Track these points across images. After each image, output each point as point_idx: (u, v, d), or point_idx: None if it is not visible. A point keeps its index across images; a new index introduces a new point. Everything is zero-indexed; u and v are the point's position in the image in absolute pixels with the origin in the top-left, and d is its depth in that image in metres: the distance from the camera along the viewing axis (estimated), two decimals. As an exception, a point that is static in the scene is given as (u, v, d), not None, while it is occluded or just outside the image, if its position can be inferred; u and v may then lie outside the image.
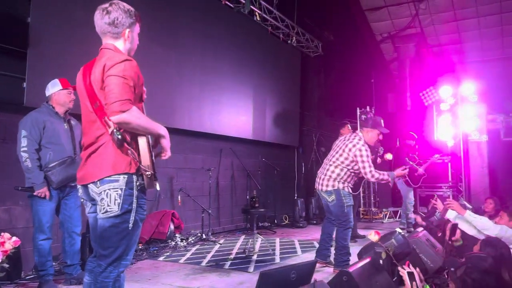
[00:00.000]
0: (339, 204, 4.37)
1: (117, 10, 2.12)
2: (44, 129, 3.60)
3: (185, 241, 5.81)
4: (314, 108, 10.58)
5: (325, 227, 4.72)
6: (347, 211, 4.37)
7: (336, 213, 4.43)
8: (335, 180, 4.40)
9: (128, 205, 2.06)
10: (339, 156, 4.43)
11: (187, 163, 6.59)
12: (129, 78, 1.98)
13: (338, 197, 4.37)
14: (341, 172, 4.40)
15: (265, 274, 2.46)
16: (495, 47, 11.96)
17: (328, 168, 4.47)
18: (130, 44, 2.22)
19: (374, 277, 2.91)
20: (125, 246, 2.09)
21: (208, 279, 4.14)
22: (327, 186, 4.42)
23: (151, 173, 2.05)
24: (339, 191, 4.38)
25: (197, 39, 6.64)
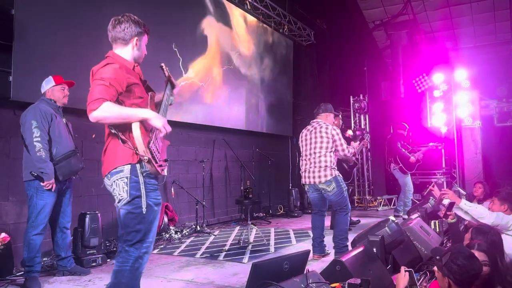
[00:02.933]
0: (339, 190, 4.43)
1: (128, 20, 2.39)
2: (51, 122, 3.65)
3: (179, 234, 5.79)
4: (307, 97, 10.53)
5: (315, 221, 4.72)
6: (345, 195, 4.49)
7: (337, 200, 4.47)
8: (331, 169, 4.45)
9: (136, 191, 2.25)
10: (321, 143, 4.52)
11: (179, 155, 6.54)
12: (106, 79, 2.16)
13: (338, 184, 4.43)
14: (330, 158, 4.49)
15: (257, 265, 2.43)
16: (487, 32, 11.93)
17: (318, 160, 4.49)
18: (138, 51, 2.45)
19: (367, 266, 2.89)
20: (144, 229, 2.28)
21: (202, 271, 4.12)
22: (325, 176, 4.43)
23: (148, 157, 2.17)
24: (337, 177, 4.45)
25: (188, 29, 6.55)
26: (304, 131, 4.76)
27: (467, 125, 9.56)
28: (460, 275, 2.17)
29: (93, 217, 4.38)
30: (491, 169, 10.71)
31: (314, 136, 4.58)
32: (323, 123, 4.63)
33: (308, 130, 4.71)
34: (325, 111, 4.75)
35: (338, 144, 4.52)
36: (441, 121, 9.43)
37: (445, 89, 9.49)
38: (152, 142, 2.24)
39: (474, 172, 9.28)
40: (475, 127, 9.57)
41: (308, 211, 8.68)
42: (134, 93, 2.32)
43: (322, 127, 4.57)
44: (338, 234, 4.44)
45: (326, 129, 4.54)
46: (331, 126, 4.59)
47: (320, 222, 4.68)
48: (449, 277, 2.23)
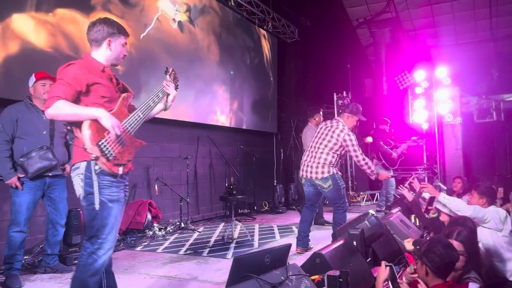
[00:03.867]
0: (336, 188, 4.45)
1: (101, 23, 2.44)
2: (17, 121, 3.63)
3: (163, 231, 5.78)
4: (291, 94, 10.59)
5: (305, 214, 4.75)
6: (342, 193, 4.51)
7: (334, 198, 4.51)
8: (329, 167, 4.45)
9: (89, 188, 2.28)
10: (328, 142, 4.49)
11: (163, 152, 6.52)
12: (64, 78, 2.23)
13: (335, 182, 4.44)
14: (332, 158, 4.47)
15: (238, 259, 2.45)
16: (468, 30, 12.17)
17: (319, 156, 4.50)
18: (112, 52, 2.47)
19: (347, 259, 2.94)
20: (97, 225, 2.30)
21: (186, 267, 4.13)
22: (322, 173, 4.45)
23: (96, 155, 2.21)
24: (334, 175, 4.46)
25: (171, 24, 6.52)
26: (322, 124, 4.74)
27: (448, 121, 9.75)
28: (438, 263, 2.24)
29: (75, 215, 4.33)
30: (471, 164, 10.96)
31: (326, 132, 4.55)
32: (342, 125, 4.54)
33: (326, 124, 4.67)
34: (348, 112, 4.64)
35: (352, 150, 4.44)
36: (422, 117, 9.59)
37: (427, 86, 9.65)
38: (105, 140, 2.24)
39: (454, 168, 9.48)
40: (456, 124, 9.76)
41: (293, 207, 8.77)
42: (96, 93, 2.34)
43: (338, 128, 4.51)
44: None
45: (340, 132, 4.47)
46: (347, 131, 4.49)
47: (309, 216, 4.72)
48: (427, 265, 2.30)
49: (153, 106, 2.62)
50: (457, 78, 10.19)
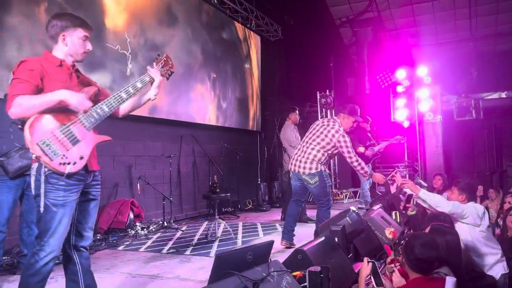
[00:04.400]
0: (322, 185, 4.50)
1: (54, 18, 2.37)
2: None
3: (145, 230, 5.73)
4: (275, 93, 10.61)
5: (291, 208, 4.80)
6: (328, 191, 4.56)
7: (318, 194, 4.56)
8: (318, 163, 4.50)
9: (37, 189, 2.25)
10: (321, 140, 4.54)
11: (146, 150, 6.46)
12: (20, 76, 2.20)
13: (321, 179, 4.49)
14: (322, 156, 4.52)
15: (220, 256, 2.46)
16: (448, 30, 12.40)
17: (309, 152, 4.54)
18: (69, 47, 2.38)
19: (328, 255, 2.97)
20: (41, 228, 2.27)
21: (169, 266, 4.11)
22: (310, 169, 4.50)
23: (36, 156, 2.18)
24: (322, 172, 4.51)
25: (155, 21, 6.46)
26: (319, 120, 4.81)
27: (429, 119, 9.90)
28: (415, 261, 2.27)
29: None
30: (451, 162, 11.17)
31: (322, 130, 4.59)
32: (338, 125, 4.58)
33: (322, 121, 4.73)
34: (345, 113, 4.67)
35: (345, 151, 4.48)
36: (403, 115, 9.73)
37: (408, 85, 9.79)
38: (48, 139, 2.18)
39: (435, 165, 9.63)
40: (436, 122, 9.92)
41: (277, 205, 8.80)
42: (53, 87, 2.26)
43: (334, 128, 4.54)
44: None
45: (335, 133, 4.50)
46: (341, 132, 4.51)
47: (294, 210, 4.77)
48: (407, 264, 2.33)
49: (125, 98, 2.49)
50: (438, 77, 10.36)
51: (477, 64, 11.98)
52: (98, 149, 5.84)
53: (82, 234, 2.48)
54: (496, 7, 11.26)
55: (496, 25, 11.98)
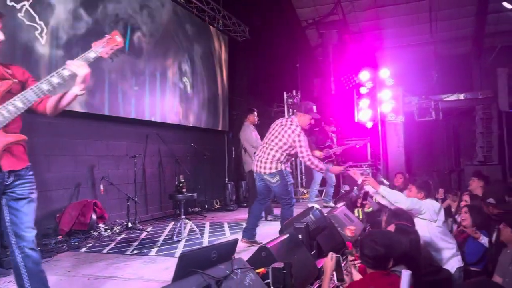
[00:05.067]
0: (283, 183, 4.56)
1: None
2: None
3: (109, 231, 5.61)
4: (243, 93, 10.63)
5: (254, 207, 4.85)
6: (290, 189, 4.62)
7: (280, 193, 4.62)
8: (277, 163, 4.57)
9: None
10: (278, 141, 4.61)
11: (109, 150, 6.32)
12: None
13: (282, 178, 4.56)
14: (281, 156, 4.58)
15: (184, 255, 2.45)
16: (410, 33, 12.80)
17: (269, 152, 4.61)
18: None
19: (292, 252, 3.02)
20: None
21: (132, 267, 4.04)
22: (270, 168, 4.56)
23: None
24: (282, 171, 4.57)
25: (118, 19, 6.34)
26: (278, 121, 4.82)
27: (391, 120, 10.21)
28: (369, 258, 2.35)
29: (13, 216, 4.12)
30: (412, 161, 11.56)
31: (279, 131, 4.65)
32: (295, 125, 4.64)
33: (280, 121, 4.78)
34: (301, 111, 4.76)
35: (299, 151, 4.55)
36: (367, 116, 9.98)
37: (371, 86, 10.05)
38: None
39: (397, 164, 9.95)
40: (398, 122, 10.25)
41: (244, 204, 8.82)
42: None
43: (291, 128, 4.60)
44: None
45: (292, 132, 4.57)
46: (298, 131, 4.58)
47: (257, 209, 4.82)
48: (362, 261, 2.40)
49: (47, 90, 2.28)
50: (400, 79, 10.70)
51: (437, 67, 12.43)
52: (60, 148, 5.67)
53: (20, 235, 2.39)
54: (455, 12, 11.74)
55: (455, 29, 12.48)
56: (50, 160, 5.39)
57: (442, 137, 12.71)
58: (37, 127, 5.20)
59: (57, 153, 5.50)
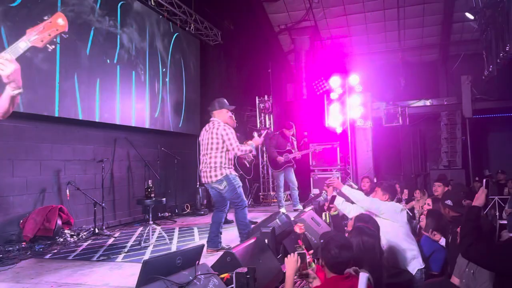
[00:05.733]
0: (231, 188, 4.62)
1: None
2: None
3: (75, 237, 5.50)
4: (215, 97, 10.42)
5: (214, 216, 4.90)
6: (239, 192, 4.66)
7: (231, 197, 4.67)
8: (221, 168, 4.62)
9: None
10: (212, 145, 4.66)
11: (75, 154, 6.19)
12: None
13: (229, 182, 4.62)
14: (221, 159, 4.64)
15: (147, 262, 2.45)
16: (379, 41, 13.14)
17: (210, 161, 4.67)
18: None
19: (257, 256, 3.06)
20: None
21: (98, 274, 3.98)
22: (215, 176, 4.63)
23: None
24: (228, 176, 4.63)
25: (86, 21, 6.23)
26: (203, 131, 4.89)
27: (360, 125, 10.44)
28: (330, 261, 2.41)
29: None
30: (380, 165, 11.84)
31: (209, 136, 4.72)
32: (217, 122, 4.75)
33: (205, 129, 4.84)
34: (216, 109, 4.84)
35: (228, 144, 4.62)
36: (337, 121, 10.16)
37: (341, 92, 10.25)
38: None
39: (365, 168, 10.18)
40: (367, 127, 10.49)
41: (215, 209, 8.80)
42: None
43: (215, 127, 4.69)
44: (242, 229, 4.64)
45: (217, 129, 4.65)
46: (222, 126, 4.67)
47: (218, 218, 4.85)
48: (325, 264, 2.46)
49: None
50: (369, 85, 10.96)
51: (404, 73, 12.80)
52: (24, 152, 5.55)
53: None
54: (422, 21, 12.14)
55: (422, 37, 12.90)
56: (14, 164, 5.25)
57: (409, 142, 13.09)
58: (1, 130, 5.07)
59: (22, 157, 5.35)
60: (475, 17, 8.86)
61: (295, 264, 2.62)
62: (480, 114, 11.68)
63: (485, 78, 9.48)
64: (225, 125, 4.72)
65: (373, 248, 2.78)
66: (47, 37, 2.02)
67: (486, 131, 12.94)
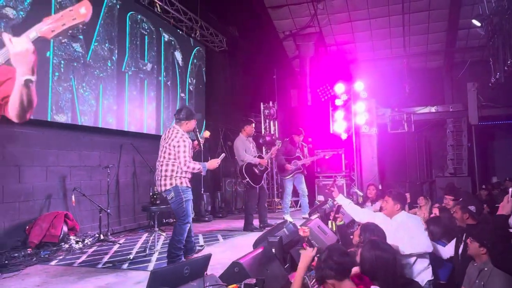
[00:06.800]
0: (177, 200, 4.41)
1: None
2: None
3: (80, 243, 5.49)
4: (220, 103, 10.64)
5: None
6: (185, 206, 4.43)
7: (176, 209, 4.45)
8: (172, 178, 4.42)
9: None
10: (167, 154, 4.46)
11: (81, 160, 6.20)
12: None
13: (177, 194, 4.41)
14: (173, 167, 4.44)
15: (155, 272, 2.44)
16: (384, 47, 13.13)
17: (161, 169, 4.47)
18: None
19: (265, 266, 3.03)
20: None
21: (104, 281, 3.97)
22: (165, 185, 4.44)
23: None
24: (177, 187, 4.42)
25: (92, 27, 6.26)
26: (163, 135, 4.70)
27: (365, 132, 10.42)
28: (335, 267, 2.39)
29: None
30: (385, 172, 11.78)
31: (164, 144, 4.54)
32: (177, 131, 4.53)
33: (164, 135, 4.65)
34: (182, 119, 4.59)
35: (177, 157, 4.40)
36: (342, 128, 10.15)
37: (346, 98, 10.24)
38: None
39: (370, 175, 10.13)
40: (372, 134, 10.46)
41: (219, 215, 8.79)
42: None
43: (175, 139, 4.46)
44: (174, 243, 4.37)
45: (174, 139, 4.45)
46: (180, 137, 4.46)
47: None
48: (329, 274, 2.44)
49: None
50: (374, 91, 10.95)
51: (410, 80, 12.76)
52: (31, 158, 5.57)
53: None
54: (427, 27, 12.13)
55: (427, 44, 12.89)
56: (21, 171, 5.26)
57: (414, 148, 13.04)
58: (8, 137, 5.08)
59: (28, 163, 5.36)
60: (482, 24, 8.84)
61: (310, 258, 2.59)
62: (486, 121, 11.63)
63: (492, 85, 9.43)
64: (185, 138, 4.48)
65: (387, 264, 2.73)
66: (59, 27, 1.70)
67: (492, 138, 12.88)
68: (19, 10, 5.05)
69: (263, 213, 6.95)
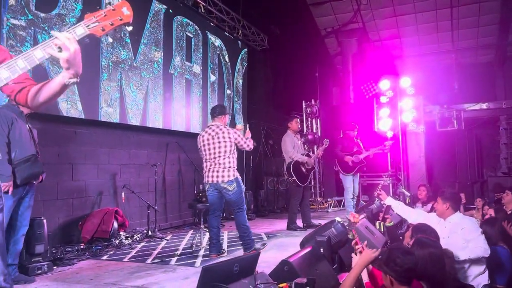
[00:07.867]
0: (239, 190, 4.82)
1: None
2: (12, 125, 3.65)
3: (130, 239, 5.67)
4: (261, 102, 10.66)
5: (212, 222, 4.94)
6: (243, 196, 4.90)
7: (236, 200, 4.83)
8: (232, 170, 4.83)
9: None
10: (224, 147, 4.82)
11: (131, 159, 6.41)
12: None
13: (238, 184, 4.82)
14: (233, 159, 4.86)
15: (207, 269, 2.46)
16: (431, 41, 12.66)
17: (222, 162, 4.81)
18: None
19: (314, 266, 2.99)
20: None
21: (153, 276, 4.07)
22: (228, 176, 4.78)
23: None
24: (238, 178, 4.86)
25: (139, 32, 6.44)
26: (205, 135, 4.97)
27: (412, 129, 10.08)
28: (399, 271, 2.31)
29: (39, 223, 4.23)
30: (433, 171, 11.35)
31: (217, 140, 4.85)
32: (223, 127, 4.92)
33: (209, 134, 4.92)
34: (218, 115, 5.01)
35: (242, 143, 4.89)
36: (387, 125, 9.87)
37: (391, 95, 9.95)
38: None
39: (418, 175, 9.79)
40: (419, 132, 10.10)
41: (262, 213, 8.81)
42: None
43: (224, 132, 4.86)
44: (242, 232, 4.83)
45: (228, 134, 4.85)
46: (232, 130, 4.91)
47: (215, 222, 4.94)
48: (390, 275, 2.36)
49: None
50: (421, 88, 10.57)
51: (458, 75, 12.24)
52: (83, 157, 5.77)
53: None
54: (477, 20, 11.57)
55: (477, 38, 12.30)
56: (74, 169, 5.50)
57: (464, 147, 12.47)
58: (62, 136, 5.33)
59: (81, 161, 5.60)
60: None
61: (371, 259, 2.52)
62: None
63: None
64: (229, 128, 4.96)
65: (439, 261, 2.64)
66: (108, 26, 1.70)
67: (549, 136, 12.07)
68: (71, 17, 5.27)
69: (307, 213, 6.90)
